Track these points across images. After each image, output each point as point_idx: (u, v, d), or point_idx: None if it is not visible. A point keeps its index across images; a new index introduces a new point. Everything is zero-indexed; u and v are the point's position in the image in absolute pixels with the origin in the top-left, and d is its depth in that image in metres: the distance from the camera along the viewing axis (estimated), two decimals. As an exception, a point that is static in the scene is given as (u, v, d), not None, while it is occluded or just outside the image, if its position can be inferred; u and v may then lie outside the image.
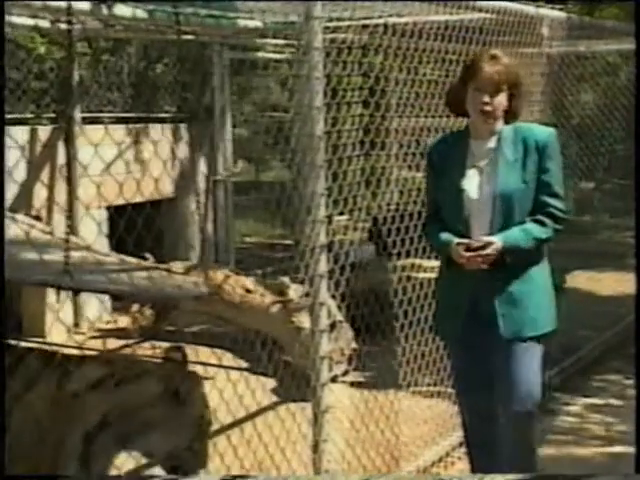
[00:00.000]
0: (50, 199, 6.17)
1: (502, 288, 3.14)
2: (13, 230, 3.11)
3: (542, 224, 3.13)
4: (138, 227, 2.96)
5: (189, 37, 5.39)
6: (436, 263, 4.26)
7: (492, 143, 3.15)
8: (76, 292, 2.87)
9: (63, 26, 5.40)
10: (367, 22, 3.85)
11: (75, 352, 5.26)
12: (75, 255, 2.76)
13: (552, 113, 5.33)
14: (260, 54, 7.37)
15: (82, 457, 2.75)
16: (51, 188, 6.19)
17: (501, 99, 3.09)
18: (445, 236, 3.16)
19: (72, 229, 5.32)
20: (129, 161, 6.41)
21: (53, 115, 6.54)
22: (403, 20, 4.00)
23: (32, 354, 3.01)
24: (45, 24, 5.37)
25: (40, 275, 2.71)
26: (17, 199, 5.83)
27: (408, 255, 3.95)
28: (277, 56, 7.45)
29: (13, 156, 5.65)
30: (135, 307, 6.12)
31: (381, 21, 3.91)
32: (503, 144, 3.14)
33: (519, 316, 3.15)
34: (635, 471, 3.13)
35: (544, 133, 3.21)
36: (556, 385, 5.09)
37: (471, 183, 3.13)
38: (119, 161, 6.30)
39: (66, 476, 2.70)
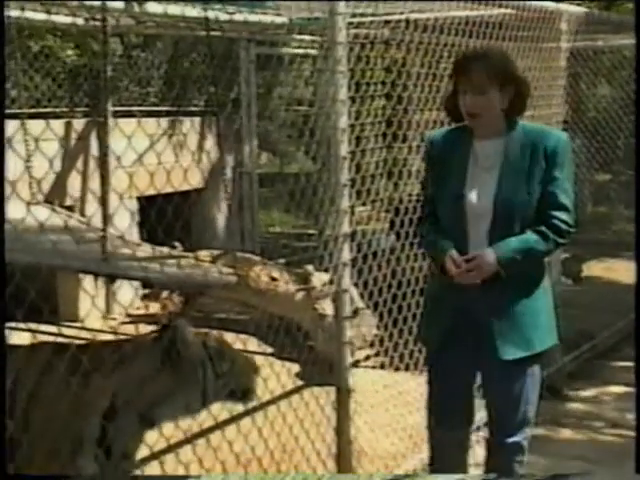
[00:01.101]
0: (84, 190, 6.22)
1: (497, 303, 2.80)
2: (53, 219, 3.16)
3: (544, 236, 2.78)
4: (167, 217, 2.98)
5: (217, 33, 5.40)
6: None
7: (498, 145, 2.81)
8: (113, 279, 2.90)
9: (91, 23, 5.44)
10: (389, 18, 3.84)
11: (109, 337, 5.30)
12: (110, 244, 2.79)
13: (570, 107, 5.28)
14: (285, 49, 7.37)
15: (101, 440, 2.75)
16: (85, 179, 6.23)
17: (489, 99, 2.74)
18: (443, 243, 2.85)
19: (107, 219, 5.38)
20: (159, 153, 6.43)
21: (86, 109, 6.57)
22: (424, 16, 3.97)
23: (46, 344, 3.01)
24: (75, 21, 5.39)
25: (79, 262, 2.74)
26: (52, 189, 5.88)
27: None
28: (301, 51, 7.44)
29: (52, 148, 5.74)
30: (164, 294, 6.17)
31: (403, 17, 3.89)
32: (509, 148, 2.79)
33: (516, 335, 2.81)
34: (635, 471, 3.08)
35: (555, 138, 2.83)
36: (572, 370, 5.08)
37: (472, 189, 2.80)
38: (149, 153, 6.34)
39: (69, 476, 2.67)
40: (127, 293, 6.39)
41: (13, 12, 4.31)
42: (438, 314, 2.93)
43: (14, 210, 3.17)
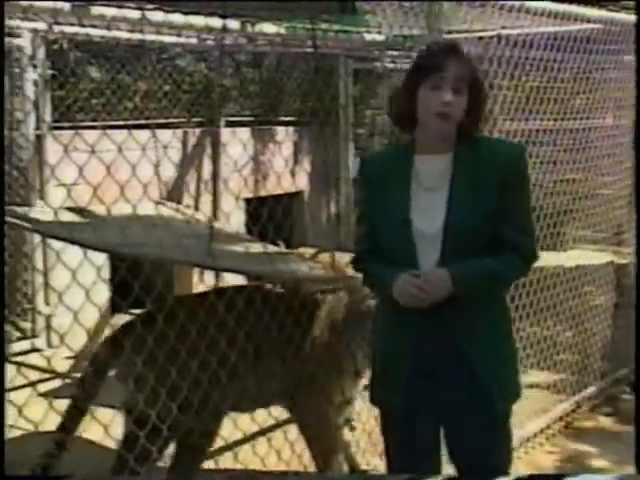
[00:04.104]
0: (198, 191, 6.38)
1: (475, 335, 2.20)
2: (177, 218, 3.26)
3: (507, 263, 2.22)
4: (269, 216, 3.02)
5: (325, 50, 5.45)
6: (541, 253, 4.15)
7: (444, 161, 2.22)
8: (228, 272, 2.97)
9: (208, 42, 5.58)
10: (482, 34, 3.78)
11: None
12: (225, 240, 2.87)
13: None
14: (379, 64, 7.35)
15: None
16: (199, 182, 6.39)
17: (462, 101, 2.17)
18: (392, 272, 2.23)
19: (220, 217, 5.51)
20: (263, 160, 6.56)
21: (202, 119, 6.72)
22: (515, 32, 3.89)
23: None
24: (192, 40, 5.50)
25: (200, 257, 2.81)
26: (173, 190, 6.07)
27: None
28: (394, 65, 7.40)
29: (176, 155, 5.95)
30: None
31: (495, 33, 3.82)
32: (458, 162, 2.21)
33: (504, 379, 2.24)
34: (635, 471, 2.92)
35: (511, 151, 2.27)
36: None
37: (418, 212, 2.21)
38: (255, 159, 6.47)
39: (68, 476, 2.65)
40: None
41: (149, 36, 4.49)
42: (393, 361, 2.27)
43: (145, 209, 3.28)
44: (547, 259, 4.28)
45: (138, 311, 3.26)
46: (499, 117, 3.95)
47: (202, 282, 3.80)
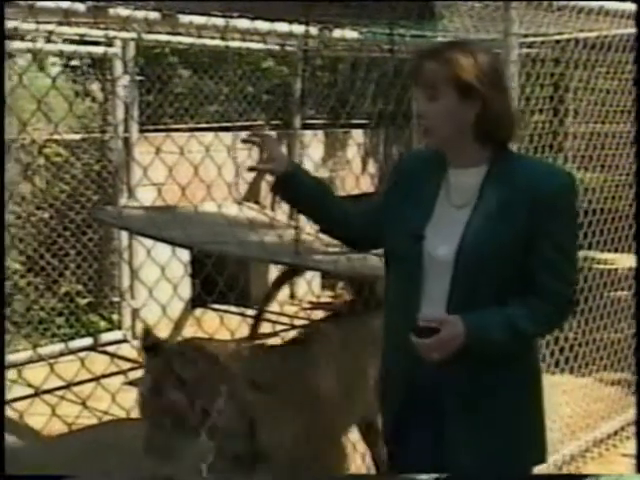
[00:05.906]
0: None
1: (465, 393, 1.82)
2: (259, 218, 3.27)
3: (535, 313, 1.79)
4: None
5: (405, 55, 5.41)
6: (610, 256, 4.03)
7: (477, 175, 1.82)
8: (305, 270, 2.94)
9: (288, 48, 5.60)
10: (559, 38, 3.67)
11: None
12: (305, 239, 2.87)
13: None
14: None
15: None
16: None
17: (438, 109, 1.78)
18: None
19: (298, 217, 5.53)
20: (339, 160, 6.56)
21: (279, 121, 6.76)
22: (592, 34, 3.76)
23: None
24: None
25: (280, 256, 2.81)
26: (250, 190, 6.12)
27: (580, 248, 3.70)
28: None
29: (255, 156, 5.96)
30: (340, 284, 6.22)
31: (572, 36, 3.71)
32: (489, 182, 1.81)
33: (491, 442, 1.82)
34: (635, 471, 2.74)
35: (556, 181, 1.80)
36: None
37: (436, 230, 1.83)
38: (332, 160, 6.48)
39: (68, 476, 2.53)
40: (312, 282, 6.55)
41: (232, 43, 4.53)
42: (391, 388, 1.95)
43: (229, 209, 3.31)
44: (620, 261, 4.15)
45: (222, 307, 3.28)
46: (571, 120, 3.83)
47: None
